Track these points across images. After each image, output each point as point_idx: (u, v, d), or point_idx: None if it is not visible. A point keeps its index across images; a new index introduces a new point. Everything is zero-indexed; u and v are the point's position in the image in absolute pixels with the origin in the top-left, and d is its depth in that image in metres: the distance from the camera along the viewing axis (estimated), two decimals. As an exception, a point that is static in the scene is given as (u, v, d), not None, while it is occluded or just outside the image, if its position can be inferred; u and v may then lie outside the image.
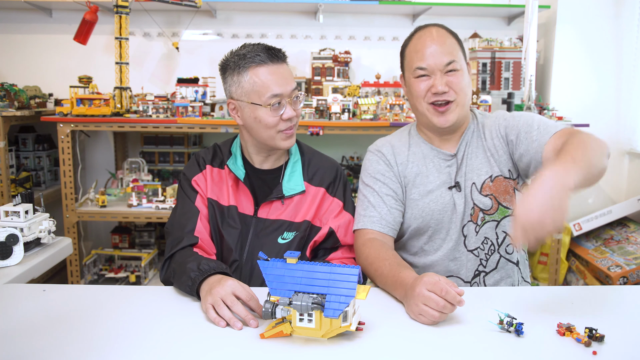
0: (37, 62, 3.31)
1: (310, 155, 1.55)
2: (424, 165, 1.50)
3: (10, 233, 1.40)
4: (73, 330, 1.04)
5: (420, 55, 1.42)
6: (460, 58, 1.43)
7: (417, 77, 1.43)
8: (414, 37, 1.47)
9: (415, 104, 1.48)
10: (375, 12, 3.32)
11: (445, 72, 1.41)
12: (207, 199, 1.44)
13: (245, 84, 1.37)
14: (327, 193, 1.49)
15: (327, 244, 1.47)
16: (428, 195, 1.47)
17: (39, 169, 3.19)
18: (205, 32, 3.35)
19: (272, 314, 0.99)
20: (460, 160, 1.48)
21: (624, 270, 2.71)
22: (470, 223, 1.46)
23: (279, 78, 1.37)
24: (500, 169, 1.46)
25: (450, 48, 1.42)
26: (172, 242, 1.37)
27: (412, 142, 1.54)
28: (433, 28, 1.45)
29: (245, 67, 1.37)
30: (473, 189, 1.46)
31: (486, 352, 0.97)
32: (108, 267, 3.07)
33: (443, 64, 1.40)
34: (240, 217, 1.43)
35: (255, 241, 1.43)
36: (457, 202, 1.46)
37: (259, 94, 1.36)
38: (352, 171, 3.24)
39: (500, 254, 1.48)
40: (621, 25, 3.18)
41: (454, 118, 1.42)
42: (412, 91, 1.46)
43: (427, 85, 1.42)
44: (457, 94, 1.41)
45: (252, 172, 1.48)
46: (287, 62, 1.44)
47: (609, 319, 1.10)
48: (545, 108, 2.93)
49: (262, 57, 1.36)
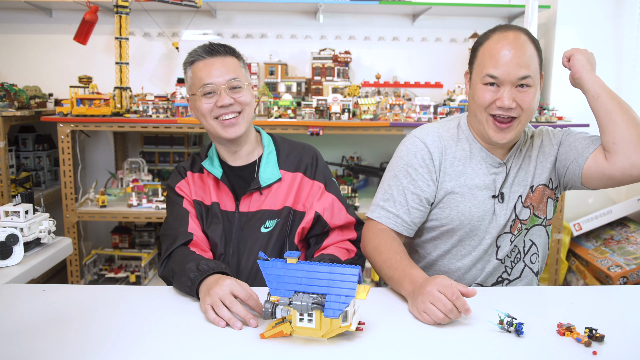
0: (37, 62, 3.31)
1: (283, 144, 1.56)
2: (470, 166, 1.41)
3: (10, 233, 1.40)
4: (73, 330, 1.04)
5: (495, 61, 1.30)
6: (536, 73, 1.32)
7: (485, 84, 1.32)
8: (491, 38, 1.34)
9: (474, 110, 1.37)
10: (375, 12, 3.32)
11: (516, 86, 1.30)
12: (193, 201, 1.49)
13: (188, 79, 1.47)
14: (305, 177, 1.50)
15: (317, 229, 1.48)
16: (471, 200, 1.40)
17: (39, 169, 3.19)
18: (205, 32, 3.35)
19: (272, 314, 0.99)
20: (509, 170, 1.42)
21: (624, 270, 2.71)
22: (507, 234, 1.42)
23: (212, 69, 1.41)
24: (542, 178, 1.42)
25: (529, 60, 1.30)
26: (168, 242, 1.40)
27: (461, 137, 1.44)
28: (515, 32, 1.32)
29: (188, 65, 1.46)
30: (518, 202, 1.41)
31: (486, 352, 0.97)
32: (108, 267, 3.07)
33: (517, 77, 1.28)
34: (223, 214, 1.47)
35: (240, 235, 1.46)
36: (497, 213, 1.40)
37: (195, 86, 1.44)
38: (352, 171, 3.24)
39: (525, 262, 1.46)
40: (621, 25, 3.18)
41: (512, 136, 1.34)
42: (475, 96, 1.35)
43: (493, 96, 1.31)
44: (523, 112, 1.31)
45: (229, 171, 1.51)
46: (236, 56, 1.47)
47: (609, 319, 1.10)
48: (545, 108, 2.93)
49: (199, 52, 1.44)
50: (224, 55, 1.44)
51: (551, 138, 1.46)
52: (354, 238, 1.51)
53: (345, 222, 1.49)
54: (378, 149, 3.42)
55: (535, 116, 2.85)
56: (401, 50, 3.36)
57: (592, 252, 2.99)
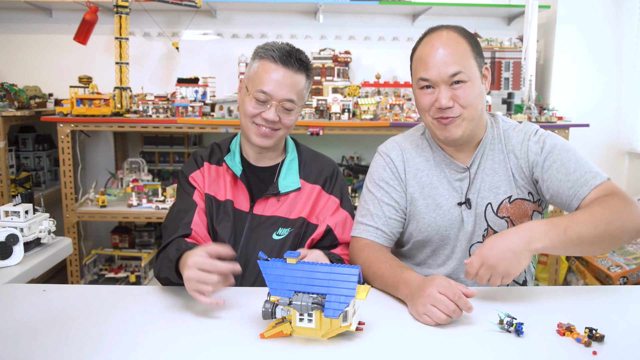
0: (37, 62, 3.31)
1: (307, 154, 1.56)
2: (435, 175, 1.41)
3: (10, 233, 1.40)
4: (73, 330, 1.04)
5: (425, 64, 1.29)
6: (470, 66, 1.28)
7: (421, 88, 1.32)
8: (422, 42, 1.34)
9: (421, 116, 1.37)
10: (375, 12, 3.32)
11: (451, 84, 1.28)
12: (205, 194, 1.46)
13: (252, 69, 1.42)
14: (323, 190, 1.49)
15: (325, 242, 1.47)
16: (435, 210, 1.39)
17: (39, 169, 3.19)
18: (205, 32, 3.35)
19: (272, 314, 0.99)
20: (474, 175, 1.38)
21: (624, 270, 2.71)
22: (479, 244, 1.37)
23: (276, 79, 1.37)
24: (522, 191, 1.36)
25: (459, 56, 1.27)
26: (167, 235, 1.37)
27: (425, 146, 1.44)
28: (444, 31, 1.30)
29: (259, 56, 1.41)
30: (488, 210, 1.37)
31: (486, 352, 0.97)
32: (108, 267, 3.07)
33: (447, 75, 1.26)
34: (235, 213, 1.45)
35: (250, 237, 1.44)
36: (465, 220, 1.38)
37: (253, 83, 1.40)
38: (352, 171, 3.24)
39: None
40: (621, 25, 3.18)
41: (459, 133, 1.31)
42: (417, 103, 1.36)
43: (431, 99, 1.30)
44: (463, 109, 1.28)
45: (248, 169, 1.50)
46: (307, 75, 1.43)
47: (609, 319, 1.10)
48: (545, 108, 2.93)
49: (275, 55, 1.38)
50: (295, 70, 1.39)
51: (529, 156, 1.35)
52: None
53: None
54: (378, 149, 3.42)
55: (535, 116, 2.85)
56: (401, 50, 3.36)
57: (592, 252, 2.99)
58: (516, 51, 3.15)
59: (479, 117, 1.34)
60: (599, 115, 3.19)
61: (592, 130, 2.96)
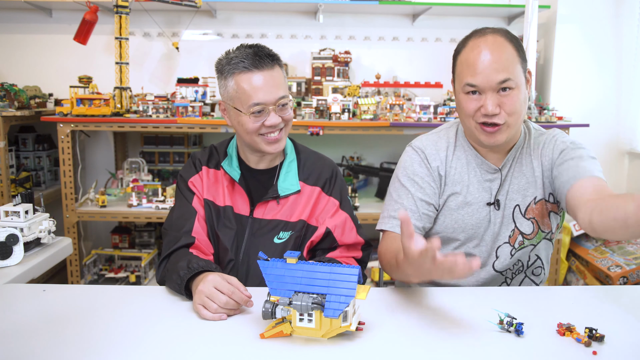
0: (37, 62, 3.30)
1: (306, 154, 1.55)
2: (466, 174, 1.42)
3: (10, 233, 1.40)
4: (73, 330, 1.04)
5: (472, 70, 1.28)
6: (517, 73, 1.28)
7: (467, 93, 1.31)
8: (467, 45, 1.32)
9: (462, 118, 1.37)
10: (375, 12, 3.32)
11: (498, 91, 1.27)
12: (204, 200, 1.45)
13: (230, 89, 1.37)
14: (322, 192, 1.49)
15: (324, 244, 1.47)
16: (465, 208, 1.40)
17: (39, 169, 3.19)
18: (205, 32, 3.35)
19: (272, 314, 0.99)
20: (505, 177, 1.40)
21: (624, 270, 2.71)
22: (506, 245, 1.41)
23: (263, 86, 1.34)
24: (544, 192, 1.39)
25: (507, 62, 1.26)
26: (168, 242, 1.37)
27: (458, 145, 1.45)
28: (490, 36, 1.29)
29: (231, 73, 1.36)
30: (516, 211, 1.39)
31: (486, 352, 0.97)
32: (108, 267, 3.07)
33: (496, 82, 1.26)
34: (236, 218, 1.44)
35: (252, 241, 1.43)
36: (492, 220, 1.40)
37: (242, 102, 1.35)
38: (352, 171, 3.24)
39: (526, 274, 1.46)
40: (621, 25, 3.18)
41: (503, 139, 1.31)
42: (460, 106, 1.35)
43: (477, 104, 1.29)
44: (508, 116, 1.29)
45: (247, 173, 1.49)
46: (280, 65, 1.40)
47: (609, 319, 1.10)
48: (545, 108, 2.93)
49: (246, 63, 1.33)
50: (270, 67, 1.35)
51: (554, 151, 1.39)
52: (359, 257, 1.50)
53: (354, 242, 1.48)
54: (378, 149, 3.42)
55: (535, 116, 2.85)
56: (401, 50, 3.36)
57: (592, 252, 2.99)
58: (516, 51, 3.15)
59: (520, 123, 1.35)
60: (599, 115, 3.19)
61: (592, 130, 2.96)
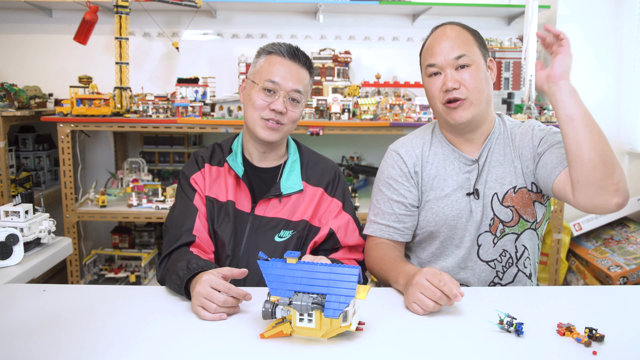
0: (37, 62, 3.31)
1: (309, 155, 1.56)
2: (443, 168, 1.45)
3: (10, 233, 1.40)
4: (72, 330, 1.04)
5: (431, 52, 1.38)
6: (474, 52, 1.36)
7: (429, 75, 1.39)
8: (428, 39, 1.44)
9: (432, 106, 1.43)
10: (375, 12, 3.32)
11: (457, 68, 1.35)
12: (206, 197, 1.45)
13: (257, 65, 1.46)
14: (325, 193, 1.50)
15: (327, 245, 1.47)
16: (444, 199, 1.43)
17: (39, 169, 3.19)
18: (205, 32, 3.35)
19: (272, 314, 0.99)
20: (482, 167, 1.43)
21: (624, 270, 2.71)
22: (487, 233, 1.43)
23: (285, 72, 1.41)
24: (525, 181, 1.41)
25: (463, 43, 1.36)
26: (169, 241, 1.37)
27: (434, 141, 1.49)
28: (448, 26, 1.41)
29: (266, 52, 1.46)
30: (494, 199, 1.42)
31: (486, 352, 0.97)
32: (108, 267, 3.07)
33: (452, 58, 1.34)
34: (236, 214, 1.44)
35: (252, 238, 1.43)
36: (474, 210, 1.42)
37: (261, 75, 1.43)
38: (352, 171, 3.24)
39: (518, 267, 1.47)
40: (621, 25, 3.18)
41: (467, 115, 1.35)
42: (427, 92, 1.43)
43: (439, 84, 1.37)
44: (468, 91, 1.34)
45: (250, 170, 1.49)
46: (310, 71, 1.48)
47: (609, 319, 1.10)
48: (545, 108, 2.93)
49: (282, 49, 1.44)
50: (301, 65, 1.45)
51: (533, 140, 1.41)
52: (361, 259, 1.51)
53: (357, 244, 1.50)
54: (378, 149, 3.42)
55: (535, 116, 2.84)
56: (401, 50, 3.36)
57: (592, 252, 2.99)
58: (516, 51, 3.15)
59: (487, 103, 1.40)
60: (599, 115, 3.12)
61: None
